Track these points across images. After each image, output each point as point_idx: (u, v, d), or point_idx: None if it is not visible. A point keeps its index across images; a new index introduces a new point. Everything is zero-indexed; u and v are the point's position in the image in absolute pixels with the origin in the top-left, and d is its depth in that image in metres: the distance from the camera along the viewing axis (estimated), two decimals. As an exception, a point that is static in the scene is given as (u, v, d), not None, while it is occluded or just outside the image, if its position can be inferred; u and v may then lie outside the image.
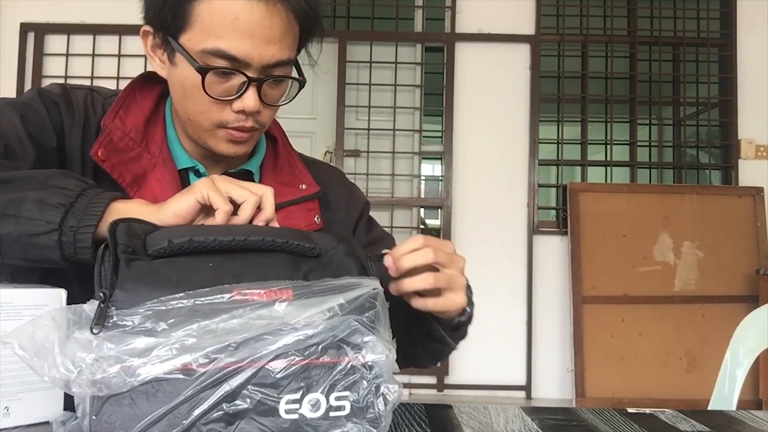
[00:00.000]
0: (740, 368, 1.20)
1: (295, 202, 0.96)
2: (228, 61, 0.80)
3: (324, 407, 0.56)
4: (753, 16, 4.12)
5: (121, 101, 0.90)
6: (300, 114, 4.01)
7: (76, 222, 0.69)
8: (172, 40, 0.83)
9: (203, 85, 0.82)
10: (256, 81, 0.82)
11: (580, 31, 4.20)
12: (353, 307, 0.59)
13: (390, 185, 4.12)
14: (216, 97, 0.83)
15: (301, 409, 0.55)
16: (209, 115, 0.85)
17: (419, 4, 4.22)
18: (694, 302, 3.78)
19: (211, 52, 0.80)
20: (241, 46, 0.80)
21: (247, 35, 0.80)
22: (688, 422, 0.75)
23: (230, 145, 0.88)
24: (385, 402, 0.58)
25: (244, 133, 0.86)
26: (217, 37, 0.80)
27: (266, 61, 0.81)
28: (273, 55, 0.81)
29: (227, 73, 0.82)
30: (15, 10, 4.07)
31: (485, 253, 3.98)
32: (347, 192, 1.08)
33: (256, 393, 0.54)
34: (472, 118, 4.08)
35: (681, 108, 4.33)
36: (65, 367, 0.51)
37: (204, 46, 0.80)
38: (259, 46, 0.80)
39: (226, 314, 0.54)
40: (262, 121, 0.88)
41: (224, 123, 0.85)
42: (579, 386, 3.68)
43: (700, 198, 3.90)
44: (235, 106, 0.83)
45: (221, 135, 0.87)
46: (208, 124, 0.86)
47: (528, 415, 0.76)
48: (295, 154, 1.02)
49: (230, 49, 0.80)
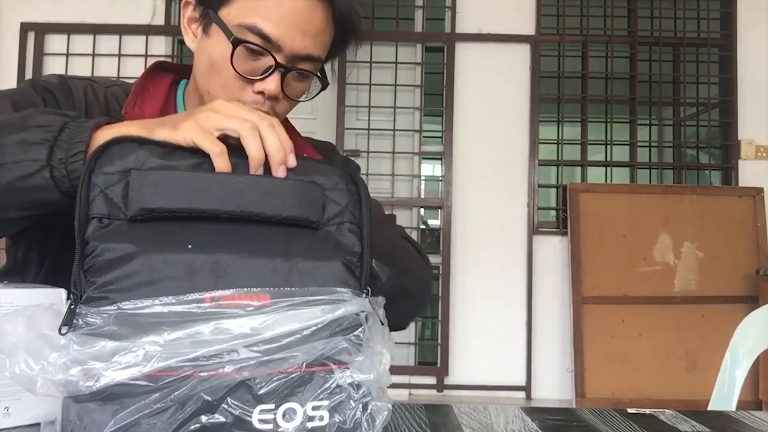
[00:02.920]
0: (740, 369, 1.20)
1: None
2: (262, 40, 0.81)
3: (300, 419, 0.54)
4: (753, 17, 4.12)
5: (138, 91, 0.91)
6: (300, 114, 3.99)
7: (64, 153, 0.64)
8: (212, 12, 0.83)
9: (231, 58, 0.81)
10: (283, 68, 0.83)
11: (580, 31, 4.20)
12: (339, 327, 0.56)
13: (390, 185, 4.12)
14: (241, 73, 0.83)
15: (277, 420, 0.53)
16: (230, 90, 0.84)
17: (419, 4, 4.22)
18: (694, 303, 3.78)
19: (248, 27, 0.81)
20: (278, 29, 0.81)
21: (286, 20, 0.81)
22: (688, 423, 0.74)
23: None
24: (372, 420, 0.56)
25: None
26: (257, 14, 0.81)
27: (298, 50, 0.83)
28: (305, 47, 0.83)
29: (257, 53, 0.82)
30: (15, 9, 4.07)
31: (485, 253, 3.98)
32: (334, 159, 1.07)
33: (234, 406, 0.52)
34: (472, 118, 4.08)
35: (681, 108, 4.33)
36: (27, 365, 0.50)
37: (242, 20, 0.81)
38: (295, 33, 0.82)
39: (199, 323, 0.52)
40: (278, 111, 0.87)
41: (242, 101, 0.84)
42: (579, 387, 3.68)
43: (700, 198, 3.90)
44: (257, 86, 0.83)
45: None
46: (228, 100, 0.85)
47: (528, 415, 0.76)
48: (296, 132, 1.03)
49: (267, 28, 0.81)
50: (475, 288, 3.98)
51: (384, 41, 4.15)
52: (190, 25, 0.89)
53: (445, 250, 3.98)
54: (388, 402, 0.57)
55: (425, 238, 4.54)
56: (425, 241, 4.48)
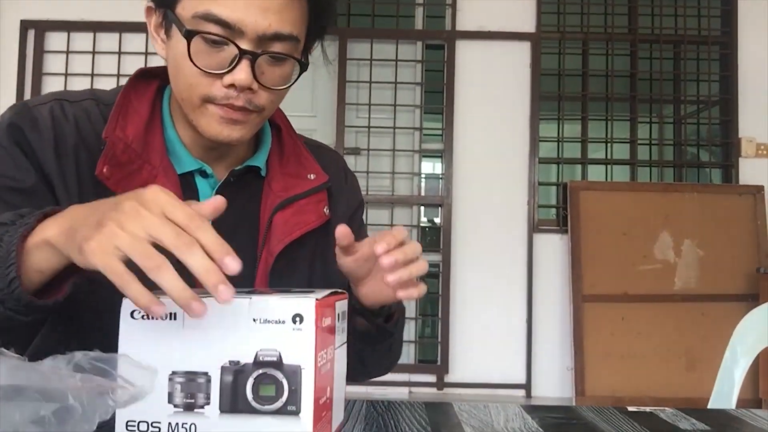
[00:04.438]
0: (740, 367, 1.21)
1: (304, 195, 0.90)
2: (220, 27, 0.74)
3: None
4: (754, 14, 4.11)
5: (119, 108, 0.84)
6: (300, 111, 4.00)
7: (4, 284, 0.60)
8: (169, 12, 0.78)
9: (189, 53, 0.75)
10: (249, 54, 0.75)
11: (580, 28, 4.20)
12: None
13: (390, 183, 4.12)
14: (204, 68, 0.76)
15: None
16: (197, 89, 0.78)
17: (420, 2, 4.22)
18: (694, 301, 3.78)
19: (202, 16, 0.74)
20: (235, 11, 0.74)
21: (243, 1, 0.74)
22: (688, 421, 0.75)
23: (221, 126, 0.80)
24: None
25: (235, 111, 0.79)
26: (210, 0, 0.75)
27: (262, 30, 0.75)
28: (270, 25, 0.75)
29: (219, 43, 0.75)
30: (15, 7, 4.07)
31: (485, 251, 3.98)
32: (347, 184, 1.02)
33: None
34: (472, 116, 4.07)
35: (681, 106, 4.33)
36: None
37: (196, 11, 0.75)
38: (254, 12, 0.74)
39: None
40: (259, 104, 0.80)
41: (212, 98, 0.78)
42: (579, 384, 3.68)
43: (700, 196, 3.90)
44: (226, 79, 0.76)
45: (211, 112, 0.79)
46: (197, 99, 0.79)
47: (528, 413, 0.76)
48: (300, 142, 0.96)
49: (222, 13, 0.74)
50: (475, 286, 3.98)
51: (384, 39, 4.15)
52: (158, 33, 0.83)
53: (445, 248, 3.98)
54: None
55: (426, 236, 4.54)
56: (426, 239, 4.48)
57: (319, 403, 0.56)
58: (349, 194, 1.00)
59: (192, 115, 0.81)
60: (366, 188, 4.00)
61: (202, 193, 0.87)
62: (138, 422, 0.55)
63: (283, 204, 0.88)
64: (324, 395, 0.58)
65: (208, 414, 0.55)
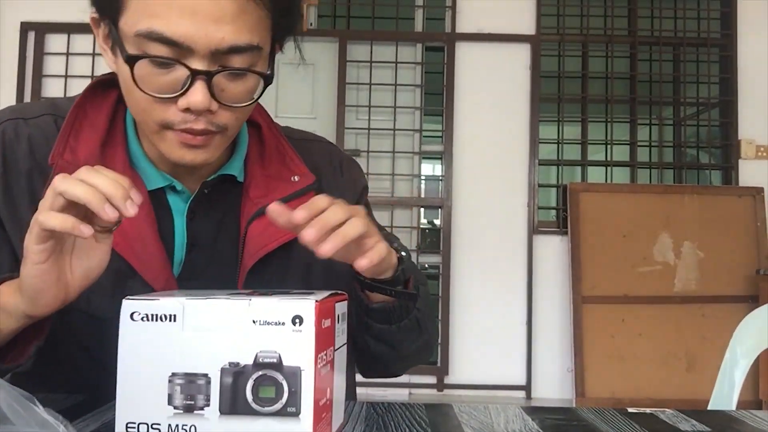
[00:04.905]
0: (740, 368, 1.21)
1: (288, 200, 0.79)
2: (166, 47, 0.65)
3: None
4: (753, 16, 4.12)
5: (69, 127, 0.75)
6: (300, 113, 4.01)
7: None
8: (111, 25, 0.69)
9: (134, 78, 0.67)
10: (203, 74, 0.66)
11: (580, 31, 4.20)
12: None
13: (390, 185, 4.12)
14: (154, 93, 0.68)
15: None
16: (152, 114, 0.70)
17: (419, 4, 4.22)
18: (694, 302, 3.78)
19: (144, 34, 0.65)
20: (179, 26, 0.64)
21: (188, 12, 0.64)
22: (688, 422, 0.75)
23: (184, 151, 0.72)
24: None
25: (195, 136, 0.70)
26: (151, 15, 0.65)
27: (215, 45, 0.65)
28: (223, 39, 0.65)
29: (167, 64, 0.66)
30: (15, 9, 4.07)
31: (485, 253, 3.98)
32: (342, 175, 0.92)
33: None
34: (472, 117, 4.08)
35: (681, 108, 4.33)
36: None
37: (138, 28, 0.65)
38: (204, 25, 0.64)
39: None
40: (221, 123, 0.71)
41: (169, 124, 0.70)
42: (579, 386, 3.68)
43: (700, 198, 3.90)
44: (180, 103, 0.68)
45: (170, 138, 0.71)
46: (153, 125, 0.71)
47: (528, 414, 0.76)
48: (284, 139, 0.87)
49: (166, 29, 0.64)
50: (475, 287, 3.98)
51: (384, 41, 4.15)
52: (106, 45, 0.73)
53: (445, 249, 3.98)
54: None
55: (425, 238, 4.54)
56: (425, 240, 4.48)
57: (319, 404, 0.56)
58: (345, 188, 0.91)
59: (151, 138, 0.74)
60: (366, 190, 4.00)
61: (175, 209, 0.80)
62: (138, 424, 0.55)
63: (260, 212, 0.78)
64: (324, 397, 0.58)
65: (208, 415, 0.55)
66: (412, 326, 0.81)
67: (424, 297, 0.81)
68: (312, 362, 0.55)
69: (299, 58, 0.80)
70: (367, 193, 0.97)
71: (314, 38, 4.15)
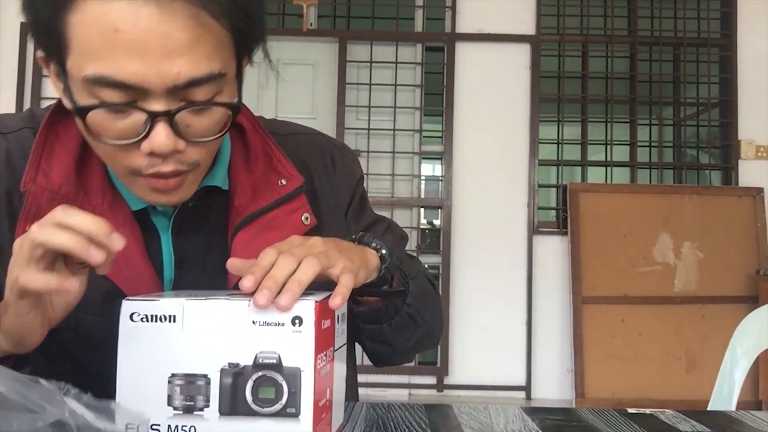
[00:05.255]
0: (740, 369, 1.21)
1: (272, 208, 0.76)
2: (119, 91, 0.60)
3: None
4: (753, 16, 4.11)
5: (39, 149, 0.70)
6: (300, 114, 4.01)
7: None
8: (59, 66, 0.63)
9: (86, 128, 0.62)
10: (162, 115, 0.61)
11: (580, 31, 4.20)
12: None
13: (390, 185, 4.12)
14: (113, 141, 0.62)
15: None
16: (116, 161, 0.65)
17: (419, 4, 4.22)
18: (694, 303, 3.78)
19: (93, 80, 0.59)
20: (129, 67, 0.58)
21: (135, 50, 0.58)
22: (688, 423, 0.75)
23: (157, 195, 0.68)
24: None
25: (166, 180, 0.66)
26: (97, 58, 0.59)
27: (171, 82, 0.59)
28: (179, 73, 0.59)
29: (122, 110, 0.61)
30: (15, 9, 4.05)
31: (485, 253, 3.98)
32: (334, 171, 0.87)
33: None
34: (472, 118, 4.08)
35: (681, 108, 4.33)
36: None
37: (85, 73, 0.59)
38: (155, 62, 0.58)
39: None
40: (191, 160, 0.66)
41: (136, 169, 0.65)
42: (579, 387, 3.68)
43: (700, 198, 3.90)
44: (144, 147, 0.62)
45: (141, 184, 0.67)
46: (121, 170, 0.66)
47: (528, 415, 0.76)
48: (270, 139, 0.81)
49: (114, 73, 0.58)
50: (475, 288, 3.98)
51: (384, 41, 4.15)
52: (59, 87, 0.67)
53: (445, 249, 3.98)
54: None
55: (425, 238, 4.54)
56: (425, 240, 4.48)
57: (318, 405, 0.56)
58: (339, 184, 0.87)
59: (122, 181, 0.70)
60: (366, 190, 4.00)
61: (160, 227, 0.77)
62: (137, 425, 0.55)
63: (245, 222, 0.75)
64: (324, 397, 0.58)
65: (208, 416, 0.55)
66: (404, 323, 0.78)
67: (416, 291, 0.78)
68: (312, 363, 0.55)
69: (272, 64, 0.74)
70: (363, 182, 0.93)
71: (314, 38, 4.15)
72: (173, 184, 0.66)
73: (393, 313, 0.77)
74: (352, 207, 0.88)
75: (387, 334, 0.78)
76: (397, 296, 0.77)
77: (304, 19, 4.07)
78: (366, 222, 0.90)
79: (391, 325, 0.77)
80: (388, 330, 0.78)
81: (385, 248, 0.73)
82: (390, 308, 0.77)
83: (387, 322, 0.77)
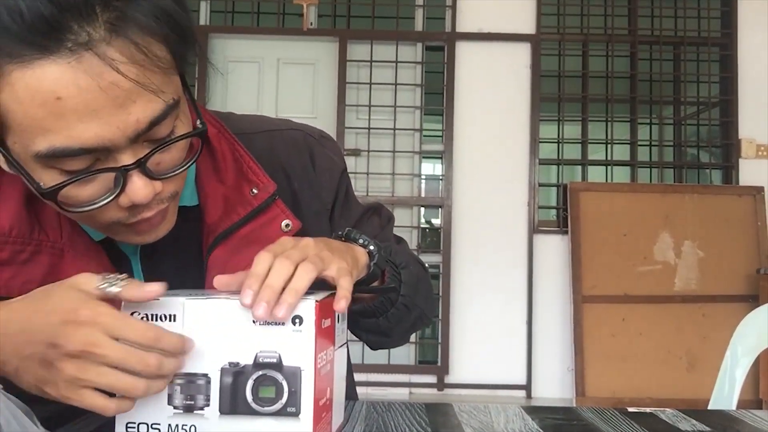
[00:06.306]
0: (740, 368, 1.20)
1: (248, 220, 0.72)
2: (80, 158, 0.56)
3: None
4: (754, 16, 4.11)
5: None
6: (300, 113, 4.00)
7: None
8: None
9: (59, 206, 0.59)
10: (133, 166, 0.58)
11: (580, 30, 4.20)
12: None
13: (390, 184, 4.12)
14: (87, 208, 0.59)
15: None
16: (95, 219, 0.62)
17: (420, 3, 4.22)
18: (694, 302, 3.78)
19: (47, 155, 0.54)
20: (86, 131, 0.54)
21: (86, 112, 0.53)
22: (688, 422, 0.75)
23: (143, 236, 0.65)
24: None
25: (150, 221, 0.64)
26: (44, 132, 0.53)
27: (132, 131, 0.56)
28: (138, 120, 0.56)
29: (87, 179, 0.57)
30: None
31: (485, 252, 3.98)
32: (314, 168, 0.82)
33: None
34: (472, 117, 4.08)
35: (681, 107, 4.33)
36: None
37: (36, 149, 0.54)
38: (111, 118, 0.54)
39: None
40: (170, 193, 0.64)
41: (117, 222, 0.62)
42: (579, 385, 3.68)
43: (700, 197, 3.90)
44: (122, 201, 0.59)
45: (124, 231, 0.64)
46: (100, 226, 0.64)
47: (528, 414, 0.76)
48: (239, 145, 0.75)
49: (71, 142, 0.54)
50: (475, 287, 3.98)
51: (384, 40, 4.15)
52: (9, 167, 0.60)
53: (445, 248, 3.98)
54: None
55: (426, 237, 4.54)
56: (426, 239, 4.48)
57: (319, 404, 0.56)
58: (322, 182, 0.83)
59: (101, 232, 0.67)
60: (366, 189, 4.01)
61: (129, 252, 0.73)
62: (138, 424, 0.55)
63: (219, 239, 0.71)
64: (324, 396, 0.58)
65: (208, 415, 0.55)
66: (400, 314, 0.77)
67: (408, 280, 0.77)
68: (312, 362, 0.55)
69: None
70: (346, 173, 0.87)
71: (314, 38, 4.15)
72: (158, 222, 0.65)
73: (388, 306, 0.76)
74: (338, 203, 0.85)
75: (383, 326, 0.77)
76: (391, 292, 0.76)
77: (304, 18, 4.07)
78: (354, 215, 0.87)
79: (387, 317, 0.77)
80: (384, 322, 0.77)
81: (372, 244, 0.71)
82: (385, 302, 0.76)
83: (383, 315, 0.77)
